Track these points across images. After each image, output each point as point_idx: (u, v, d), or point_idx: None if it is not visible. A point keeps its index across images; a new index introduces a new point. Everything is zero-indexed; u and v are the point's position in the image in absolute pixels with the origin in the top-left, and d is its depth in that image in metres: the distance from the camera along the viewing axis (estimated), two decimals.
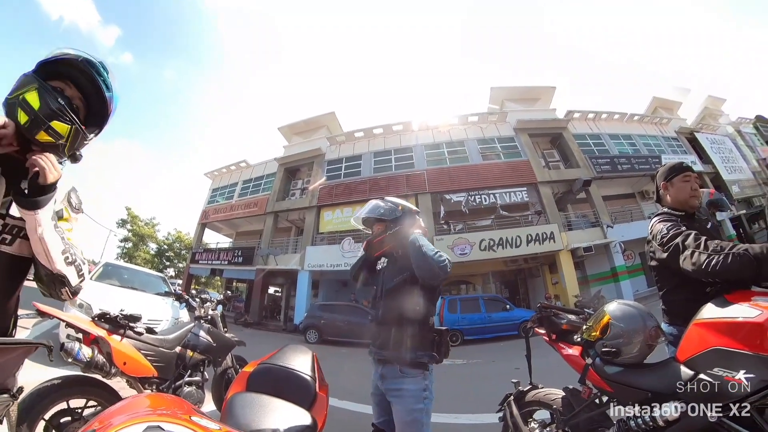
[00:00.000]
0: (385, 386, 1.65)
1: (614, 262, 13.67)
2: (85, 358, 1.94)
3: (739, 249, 1.26)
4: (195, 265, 19.21)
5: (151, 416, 0.73)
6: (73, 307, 4.28)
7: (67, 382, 1.85)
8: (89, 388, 1.93)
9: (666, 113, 19.21)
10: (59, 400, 1.81)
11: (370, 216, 1.89)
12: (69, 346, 1.91)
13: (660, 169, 1.90)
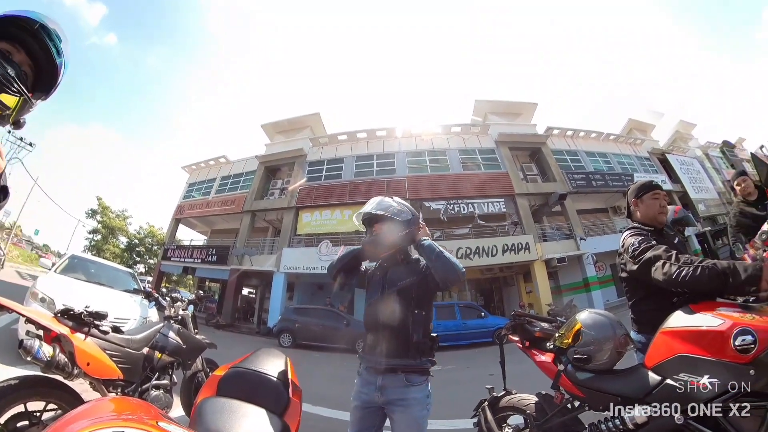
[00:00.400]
0: (387, 397, 1.53)
1: (586, 272, 14.25)
2: (46, 357, 1.80)
3: (708, 263, 1.34)
4: (167, 262, 18.47)
5: (116, 421, 0.70)
6: (35, 302, 4.01)
7: (24, 383, 1.71)
8: (49, 389, 1.79)
9: (640, 134, 20.33)
10: (16, 403, 1.67)
11: (379, 213, 1.66)
12: (28, 343, 1.77)
13: (631, 186, 2.01)
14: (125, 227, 31.12)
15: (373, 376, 1.58)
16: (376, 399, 1.56)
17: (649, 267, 1.51)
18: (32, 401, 1.74)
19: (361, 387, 1.62)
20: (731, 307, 1.32)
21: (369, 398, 1.58)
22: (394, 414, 1.54)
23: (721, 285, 1.30)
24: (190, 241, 20.38)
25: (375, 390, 1.56)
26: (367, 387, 1.59)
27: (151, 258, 31.23)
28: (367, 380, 1.60)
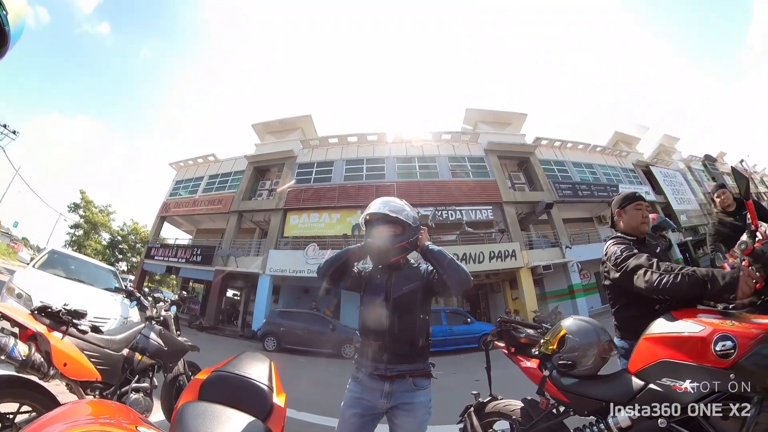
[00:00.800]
0: (394, 402, 1.53)
1: (571, 280, 14.52)
2: (21, 356, 1.73)
3: (688, 270, 1.38)
4: (150, 260, 18.02)
5: (93, 425, 0.68)
6: (11, 297, 3.86)
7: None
8: (23, 390, 1.72)
9: (625, 147, 21.00)
10: None
11: (393, 215, 1.61)
12: (2, 341, 1.69)
13: (615, 197, 2.07)
14: (108, 223, 30.20)
15: (379, 382, 1.54)
16: (381, 405, 1.54)
17: (631, 275, 1.55)
18: (5, 402, 1.67)
19: (362, 394, 1.56)
20: (711, 313, 1.36)
21: (373, 404, 1.55)
22: (398, 418, 1.53)
23: (700, 292, 1.34)
24: (175, 240, 20.02)
25: (382, 396, 1.53)
26: (371, 393, 1.55)
27: (134, 256, 30.40)
28: (370, 387, 1.56)
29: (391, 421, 1.55)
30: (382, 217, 1.64)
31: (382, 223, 1.64)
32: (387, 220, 1.63)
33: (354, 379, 1.62)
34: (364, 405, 1.55)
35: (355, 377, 1.62)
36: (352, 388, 1.60)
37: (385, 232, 1.63)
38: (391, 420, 1.55)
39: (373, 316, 1.60)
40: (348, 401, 1.58)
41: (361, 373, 1.60)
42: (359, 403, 1.56)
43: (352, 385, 1.61)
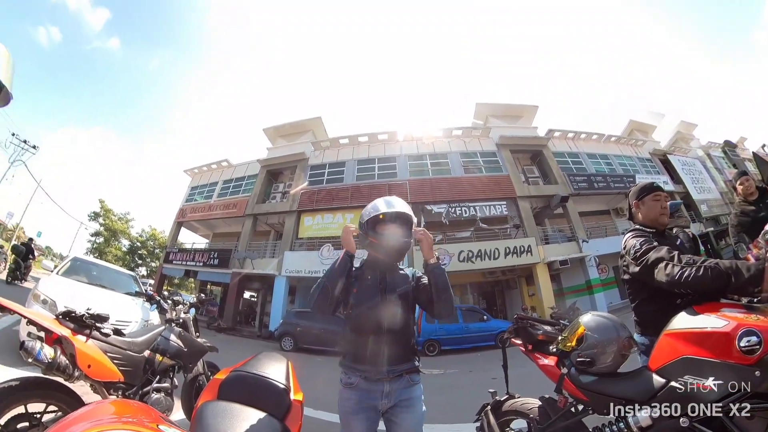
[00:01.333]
0: (395, 400, 1.53)
1: (589, 275, 14.16)
2: (47, 358, 1.79)
3: (710, 263, 1.33)
4: (168, 265, 18.52)
5: (116, 424, 0.70)
6: (37, 303, 4.01)
7: (25, 384, 1.70)
8: (50, 391, 1.78)
9: (641, 135, 20.30)
10: (16, 404, 1.67)
11: (407, 215, 1.62)
12: (29, 345, 1.76)
13: (632, 188, 2.01)
14: (127, 230, 31.26)
15: (377, 384, 1.53)
16: (381, 407, 1.53)
17: (652, 269, 1.50)
18: (33, 402, 1.73)
19: (361, 399, 1.53)
20: (735, 307, 1.30)
21: (373, 404, 1.53)
22: (398, 416, 1.52)
23: (723, 285, 1.29)
24: (192, 244, 20.52)
25: (382, 398, 1.52)
26: (370, 396, 1.53)
27: (153, 261, 31.34)
28: (367, 389, 1.53)
29: (390, 420, 1.54)
30: (396, 216, 1.62)
31: (395, 221, 1.62)
32: (402, 219, 1.62)
33: (348, 386, 1.55)
34: (366, 409, 1.52)
35: (349, 383, 1.55)
36: (348, 396, 1.54)
37: (400, 231, 1.60)
38: (390, 419, 1.54)
39: (369, 315, 1.56)
40: (349, 410, 1.52)
41: (355, 377, 1.55)
42: (362, 409, 1.52)
43: (347, 393, 1.55)
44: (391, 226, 1.62)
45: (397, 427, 1.52)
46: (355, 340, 1.59)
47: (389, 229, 1.61)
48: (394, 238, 1.59)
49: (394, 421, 1.53)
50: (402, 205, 1.64)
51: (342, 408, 1.55)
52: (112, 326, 2.22)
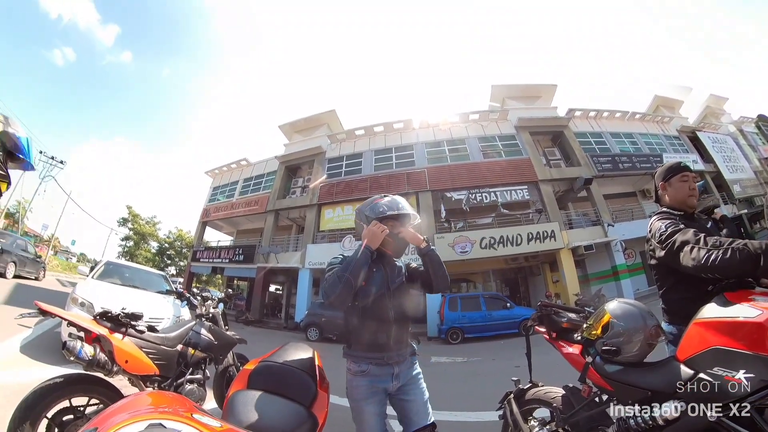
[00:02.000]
0: (404, 380, 1.64)
1: (615, 260, 13.66)
2: (87, 356, 1.92)
3: (738, 244, 1.25)
4: (196, 263, 19.26)
5: (153, 414, 0.74)
6: (75, 306, 4.28)
7: (69, 381, 1.85)
8: (91, 386, 1.92)
9: (668, 112, 19.19)
10: (61, 399, 1.81)
11: (412, 216, 1.75)
12: (71, 344, 1.90)
13: (658, 169, 1.91)
14: (155, 232, 32.67)
15: (387, 368, 1.61)
16: (390, 388, 1.62)
17: (678, 253, 1.43)
18: (76, 397, 1.88)
19: (373, 383, 1.60)
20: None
21: (384, 387, 1.61)
22: (408, 393, 1.64)
23: (753, 267, 1.21)
24: (218, 242, 21.16)
25: (392, 380, 1.61)
26: (381, 380, 1.61)
27: (181, 260, 32.70)
28: (379, 374, 1.61)
29: (402, 399, 1.63)
30: (404, 215, 1.72)
31: (403, 219, 1.73)
32: (406, 217, 1.74)
33: (359, 374, 1.61)
34: (378, 393, 1.61)
35: (360, 372, 1.61)
36: (358, 384, 1.60)
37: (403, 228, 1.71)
38: (401, 398, 1.63)
39: (379, 306, 1.63)
40: (362, 395, 1.59)
41: (365, 365, 1.61)
42: (374, 393, 1.60)
43: (357, 381, 1.61)
44: (400, 223, 1.72)
45: (410, 403, 1.62)
46: (366, 329, 1.64)
47: (398, 226, 1.70)
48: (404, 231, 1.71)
49: (406, 399, 1.63)
50: (410, 207, 1.77)
51: (353, 396, 1.61)
52: (146, 323, 2.35)
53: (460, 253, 13.11)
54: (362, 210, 1.78)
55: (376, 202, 1.75)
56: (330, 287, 1.53)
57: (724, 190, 17.07)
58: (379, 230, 1.61)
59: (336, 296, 1.52)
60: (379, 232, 1.60)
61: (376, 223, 1.63)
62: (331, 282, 1.54)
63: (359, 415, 1.58)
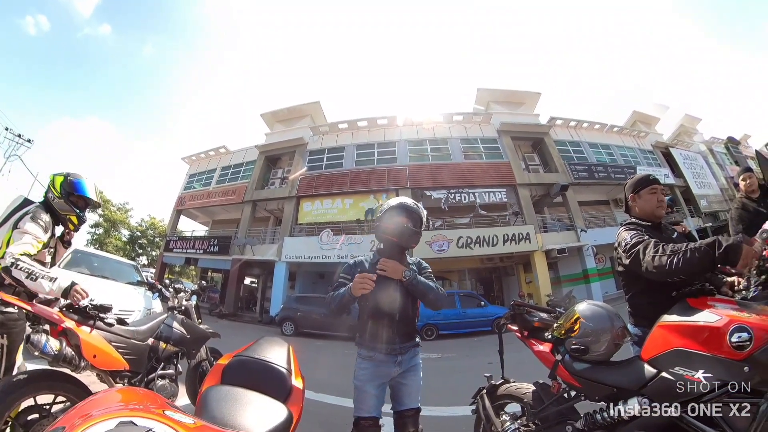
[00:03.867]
0: (405, 367, 1.80)
1: (586, 264, 14.31)
2: (53, 351, 1.82)
3: (693, 245, 1.35)
4: (169, 253, 18.62)
5: (123, 411, 0.72)
6: None
7: (33, 377, 1.73)
8: (57, 382, 1.82)
9: (644, 127, 20.20)
10: (25, 397, 1.70)
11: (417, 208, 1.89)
12: (35, 338, 1.80)
13: (629, 181, 2.00)
14: (127, 220, 31.21)
15: (392, 356, 1.77)
16: (393, 373, 1.78)
17: (641, 261, 1.52)
18: (41, 394, 1.76)
19: (378, 368, 1.76)
20: (729, 303, 1.33)
21: (387, 374, 1.77)
22: (407, 379, 1.80)
23: (711, 263, 1.31)
24: (192, 232, 20.54)
25: (395, 366, 1.77)
26: (386, 366, 1.76)
27: (153, 250, 31.43)
28: (385, 361, 1.76)
29: (399, 383, 1.80)
30: (406, 210, 1.85)
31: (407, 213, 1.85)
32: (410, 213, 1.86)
33: (367, 359, 1.78)
34: (381, 377, 1.77)
35: (368, 357, 1.78)
36: (365, 366, 1.78)
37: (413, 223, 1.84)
38: (399, 382, 1.80)
39: (388, 300, 1.75)
40: (366, 377, 1.76)
41: (373, 352, 1.77)
42: (377, 377, 1.76)
43: (365, 364, 1.78)
44: (402, 217, 1.83)
45: (405, 387, 1.80)
46: (375, 322, 1.79)
47: (401, 218, 1.83)
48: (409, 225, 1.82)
49: (403, 383, 1.80)
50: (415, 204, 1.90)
51: (359, 377, 1.77)
52: (115, 316, 2.23)
53: (437, 251, 13.28)
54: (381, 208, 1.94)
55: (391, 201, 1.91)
56: (327, 306, 1.81)
57: (691, 203, 18.21)
58: (366, 282, 1.65)
59: (335, 312, 1.77)
60: (366, 283, 1.65)
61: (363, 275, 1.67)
62: (329, 301, 1.80)
63: (360, 395, 1.74)
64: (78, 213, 2.18)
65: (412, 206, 1.87)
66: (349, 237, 13.96)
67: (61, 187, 2.11)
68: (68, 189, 2.12)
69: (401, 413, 1.79)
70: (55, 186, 2.11)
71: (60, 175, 2.14)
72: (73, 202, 2.15)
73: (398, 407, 1.80)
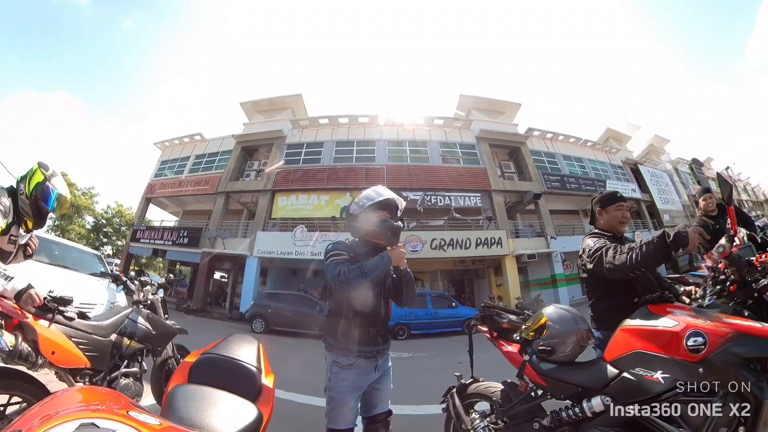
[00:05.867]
0: (382, 371, 1.74)
1: (554, 270, 14.95)
2: (7, 347, 1.68)
3: (646, 239, 1.49)
4: (135, 243, 17.70)
5: (84, 412, 0.69)
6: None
7: None
8: (12, 381, 1.70)
9: (616, 144, 21.39)
10: None
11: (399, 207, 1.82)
12: None
13: (597, 195, 2.12)
14: (92, 206, 29.34)
15: (373, 360, 1.69)
16: (372, 380, 1.70)
17: (603, 263, 1.62)
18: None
19: (360, 377, 1.65)
20: (686, 310, 1.44)
21: (368, 378, 1.68)
22: (381, 383, 1.75)
23: (666, 251, 1.43)
24: (161, 222, 19.53)
25: (375, 371, 1.70)
26: (368, 372, 1.68)
27: (119, 239, 29.75)
28: (365, 366, 1.67)
29: (374, 387, 1.73)
30: (395, 205, 1.78)
31: (394, 210, 1.79)
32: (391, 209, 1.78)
33: (347, 368, 1.64)
34: (362, 386, 1.68)
35: (348, 365, 1.64)
36: (345, 377, 1.63)
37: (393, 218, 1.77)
38: (374, 387, 1.73)
39: (376, 302, 1.68)
40: (345, 389, 1.63)
41: (354, 358, 1.64)
42: (358, 388, 1.66)
43: (345, 374, 1.63)
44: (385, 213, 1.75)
45: (379, 392, 1.75)
46: (360, 323, 1.67)
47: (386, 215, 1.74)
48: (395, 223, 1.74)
49: (378, 388, 1.74)
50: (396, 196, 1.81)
51: (338, 389, 1.63)
52: (76, 309, 2.09)
53: (411, 252, 13.41)
54: (351, 210, 1.78)
55: (369, 193, 1.77)
56: (354, 279, 1.53)
57: (656, 217, 19.51)
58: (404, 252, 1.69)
59: (356, 290, 1.55)
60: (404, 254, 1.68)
61: (403, 245, 1.69)
62: (355, 275, 1.53)
63: (339, 408, 1.62)
64: (36, 221, 2.05)
65: (395, 200, 1.78)
66: (323, 234, 13.80)
67: (34, 189, 1.96)
68: (39, 195, 1.98)
69: (373, 418, 1.73)
70: (30, 183, 1.96)
71: (41, 173, 1.99)
72: (39, 208, 2.01)
73: (370, 412, 1.73)
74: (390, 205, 1.77)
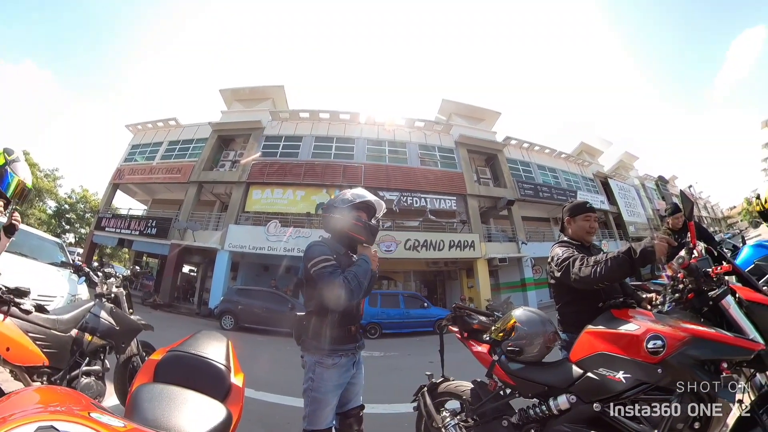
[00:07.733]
0: (357, 367, 1.81)
1: (524, 274, 15.55)
2: None
3: (612, 253, 1.57)
4: (100, 232, 16.68)
5: (42, 414, 0.65)
6: None
7: None
8: None
9: (589, 157, 22.64)
10: None
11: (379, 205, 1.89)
12: None
13: (567, 205, 2.21)
14: (55, 189, 27.35)
15: (352, 357, 1.76)
16: (351, 374, 1.76)
17: (570, 273, 1.70)
18: None
19: (343, 375, 1.71)
20: (647, 315, 1.54)
21: (348, 376, 1.74)
22: (355, 377, 1.80)
23: (631, 267, 1.51)
24: (128, 210, 18.48)
25: (353, 367, 1.78)
26: (348, 368, 1.74)
27: (82, 227, 28.00)
28: (347, 364, 1.73)
29: (349, 383, 1.78)
30: (374, 209, 1.85)
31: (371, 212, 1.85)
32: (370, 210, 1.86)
33: (332, 367, 1.67)
34: (342, 386, 1.72)
35: (333, 365, 1.67)
36: (329, 377, 1.66)
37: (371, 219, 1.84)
38: (350, 382, 1.78)
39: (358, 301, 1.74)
40: (329, 388, 1.66)
41: (337, 357, 1.68)
42: (339, 386, 1.71)
43: (330, 374, 1.66)
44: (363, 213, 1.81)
45: (353, 387, 1.80)
46: (342, 323, 1.71)
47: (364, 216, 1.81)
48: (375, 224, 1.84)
49: (353, 383, 1.79)
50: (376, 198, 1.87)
51: (321, 389, 1.65)
52: (33, 302, 1.97)
53: (385, 251, 13.50)
54: (332, 203, 1.83)
55: (346, 194, 1.83)
56: (357, 289, 1.60)
57: (621, 229, 20.86)
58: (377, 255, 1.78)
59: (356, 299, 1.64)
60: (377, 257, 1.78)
61: (375, 251, 1.77)
62: (355, 285, 1.60)
63: (322, 408, 1.64)
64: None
65: (374, 204, 1.85)
66: (297, 230, 13.61)
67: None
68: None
69: (347, 413, 1.77)
70: None
71: (2, 157, 1.93)
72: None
73: (344, 407, 1.77)
74: (370, 207, 1.84)
